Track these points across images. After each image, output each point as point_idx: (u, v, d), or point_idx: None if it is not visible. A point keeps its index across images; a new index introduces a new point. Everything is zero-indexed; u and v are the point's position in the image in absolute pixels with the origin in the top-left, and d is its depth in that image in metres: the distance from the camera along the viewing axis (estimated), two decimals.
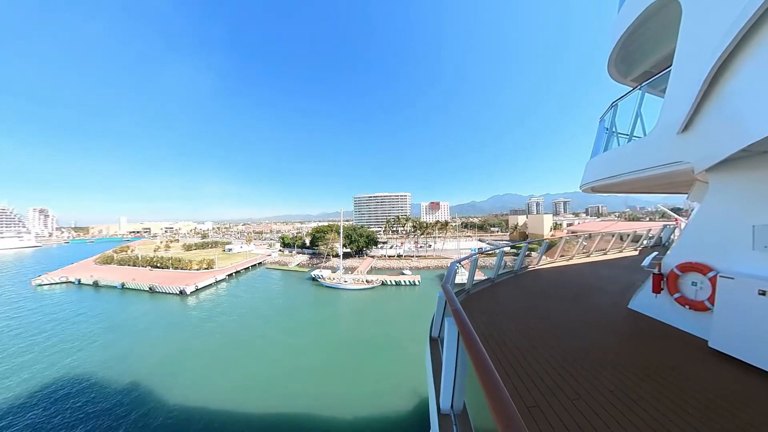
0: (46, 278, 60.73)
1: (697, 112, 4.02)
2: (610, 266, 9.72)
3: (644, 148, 5.06)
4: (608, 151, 6.34)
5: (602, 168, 6.16)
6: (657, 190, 7.69)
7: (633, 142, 5.54)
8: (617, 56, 6.95)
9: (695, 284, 4.45)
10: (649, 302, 5.01)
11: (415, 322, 34.80)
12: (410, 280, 53.46)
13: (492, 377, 1.40)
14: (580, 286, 7.50)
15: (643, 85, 5.42)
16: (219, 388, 22.45)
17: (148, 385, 22.93)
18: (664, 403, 2.92)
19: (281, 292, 51.49)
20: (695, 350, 4.01)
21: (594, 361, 3.69)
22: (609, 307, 5.77)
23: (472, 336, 1.92)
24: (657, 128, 4.83)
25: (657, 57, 6.94)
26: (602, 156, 6.45)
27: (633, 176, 5.17)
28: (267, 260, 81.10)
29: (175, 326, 35.65)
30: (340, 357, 26.90)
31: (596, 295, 6.60)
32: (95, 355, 28.29)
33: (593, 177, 6.51)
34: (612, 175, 5.72)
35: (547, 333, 4.69)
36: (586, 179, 6.88)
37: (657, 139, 4.79)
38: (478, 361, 1.59)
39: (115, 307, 44.11)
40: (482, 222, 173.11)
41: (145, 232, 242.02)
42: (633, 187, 6.63)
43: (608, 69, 7.48)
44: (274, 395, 21.48)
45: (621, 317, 5.16)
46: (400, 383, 22.24)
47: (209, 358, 27.23)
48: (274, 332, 33.19)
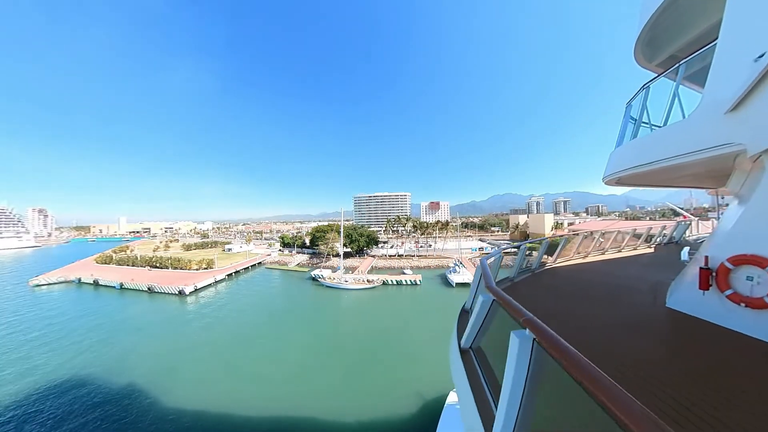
0: (43, 278, 60.23)
1: (755, 89, 3.56)
2: (629, 264, 9.23)
3: (684, 131, 4.57)
4: (639, 138, 5.85)
5: (631, 156, 5.65)
6: (685, 183, 7.19)
7: (670, 126, 5.03)
8: (645, 38, 6.48)
9: (751, 279, 3.93)
10: (694, 300, 4.49)
11: (418, 321, 34.38)
12: (411, 280, 52.98)
13: (615, 392, 1.14)
14: (608, 285, 7.00)
15: (681, 62, 4.93)
16: (217, 389, 21.96)
17: (144, 387, 22.42)
18: (728, 414, 2.48)
19: (281, 292, 51.01)
20: (755, 354, 3.54)
21: (646, 370, 3.22)
22: (646, 307, 5.25)
23: (564, 346, 1.55)
24: (700, 109, 4.35)
25: (685, 40, 6.48)
26: (631, 143, 5.95)
27: (669, 163, 4.67)
28: (267, 260, 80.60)
29: (174, 327, 35.15)
30: (341, 358, 26.40)
31: (629, 295, 6.07)
32: (90, 356, 27.79)
33: (620, 167, 5.99)
34: (643, 163, 5.21)
35: (592, 338, 4.20)
36: (611, 170, 6.38)
37: (700, 120, 4.31)
38: (588, 376, 1.32)
39: (113, 307, 43.58)
40: (482, 222, 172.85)
41: (145, 232, 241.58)
42: (663, 178, 6.13)
43: (635, 53, 7.01)
44: (273, 397, 20.99)
45: (662, 318, 4.65)
46: (402, 384, 21.76)
47: (207, 359, 26.74)
48: (274, 333, 32.71)
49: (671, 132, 4.88)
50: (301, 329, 33.58)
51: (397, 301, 44.04)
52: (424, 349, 27.03)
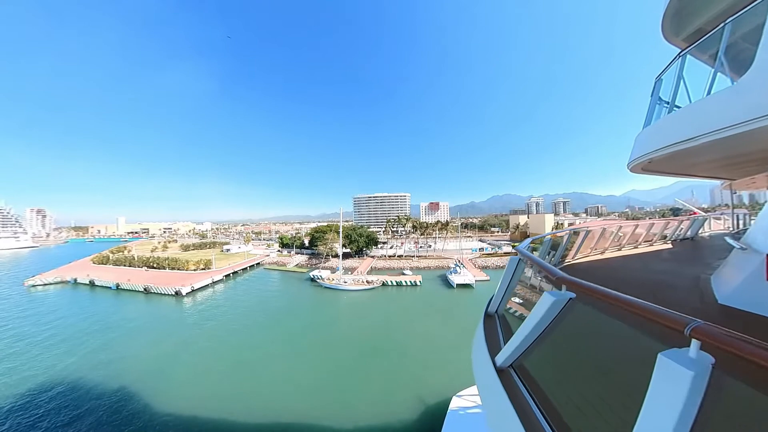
0: (39, 279, 59.67)
1: None
2: (652, 260, 8.54)
3: (736, 97, 3.92)
4: (674, 112, 5.18)
5: (666, 134, 4.96)
6: (720, 172, 6.51)
7: (716, 94, 4.37)
8: (673, 8, 5.84)
9: None
10: (756, 296, 3.83)
11: (418, 323, 33.68)
12: (411, 281, 52.29)
13: None
14: (642, 282, 6.27)
15: (728, 20, 4.27)
16: (212, 393, 21.23)
17: (136, 391, 21.67)
18: None
19: (279, 294, 50.28)
20: None
21: None
22: (695, 304, 4.58)
23: None
24: (753, 72, 3.69)
25: (715, 11, 5.85)
26: (669, 117, 5.25)
27: (718, 136, 4.01)
28: (265, 261, 79.90)
29: (169, 328, 34.42)
30: (339, 360, 25.67)
31: (670, 292, 5.34)
32: (81, 358, 27.02)
33: (650, 147, 5.28)
34: (682, 140, 4.55)
35: (650, 344, 3.51)
36: (639, 152, 5.69)
37: (758, 83, 3.66)
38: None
39: (108, 308, 42.83)
40: (482, 222, 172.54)
41: (144, 232, 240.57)
42: (693, 163, 5.48)
43: (662, 24, 6.35)
44: (268, 401, 20.27)
45: (720, 317, 3.98)
46: (402, 388, 21.06)
47: (203, 361, 25.99)
48: (270, 335, 31.99)
49: (719, 100, 4.20)
50: (299, 331, 32.85)
51: (397, 302, 43.29)
52: (425, 352, 26.33)
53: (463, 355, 25.33)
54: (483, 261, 68.92)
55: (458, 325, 32.14)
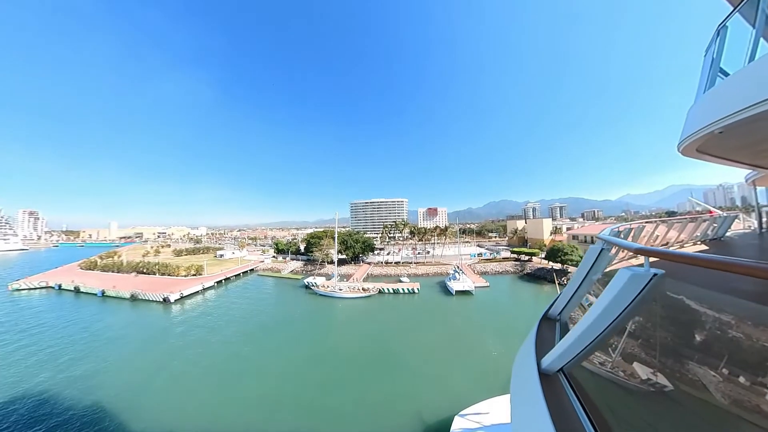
0: (24, 282, 58.08)
1: None
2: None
3: None
4: (743, 69, 3.99)
5: (734, 97, 3.78)
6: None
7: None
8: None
9: None
10: None
11: (416, 333, 32.16)
12: (409, 288, 50.80)
13: None
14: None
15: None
16: (197, 409, 19.58)
17: (113, 406, 19.92)
18: None
19: (271, 301, 48.54)
20: None
21: None
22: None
23: None
24: None
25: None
26: (729, 80, 4.16)
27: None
28: (260, 267, 78.03)
29: (154, 337, 32.64)
30: (332, 372, 24.08)
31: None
32: (57, 368, 25.16)
33: (722, 113, 4.03)
34: (761, 100, 3.38)
35: None
36: (700, 124, 4.54)
37: None
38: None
39: (91, 315, 40.87)
40: (480, 228, 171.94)
41: (137, 237, 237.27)
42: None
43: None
44: (257, 414, 18.69)
45: None
46: (399, 403, 19.57)
47: (188, 372, 24.29)
48: (261, 344, 30.32)
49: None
50: (290, 341, 31.22)
51: (393, 310, 41.76)
52: (423, 366, 24.84)
53: (465, 369, 23.91)
54: (482, 266, 67.68)
55: (458, 336, 30.74)
